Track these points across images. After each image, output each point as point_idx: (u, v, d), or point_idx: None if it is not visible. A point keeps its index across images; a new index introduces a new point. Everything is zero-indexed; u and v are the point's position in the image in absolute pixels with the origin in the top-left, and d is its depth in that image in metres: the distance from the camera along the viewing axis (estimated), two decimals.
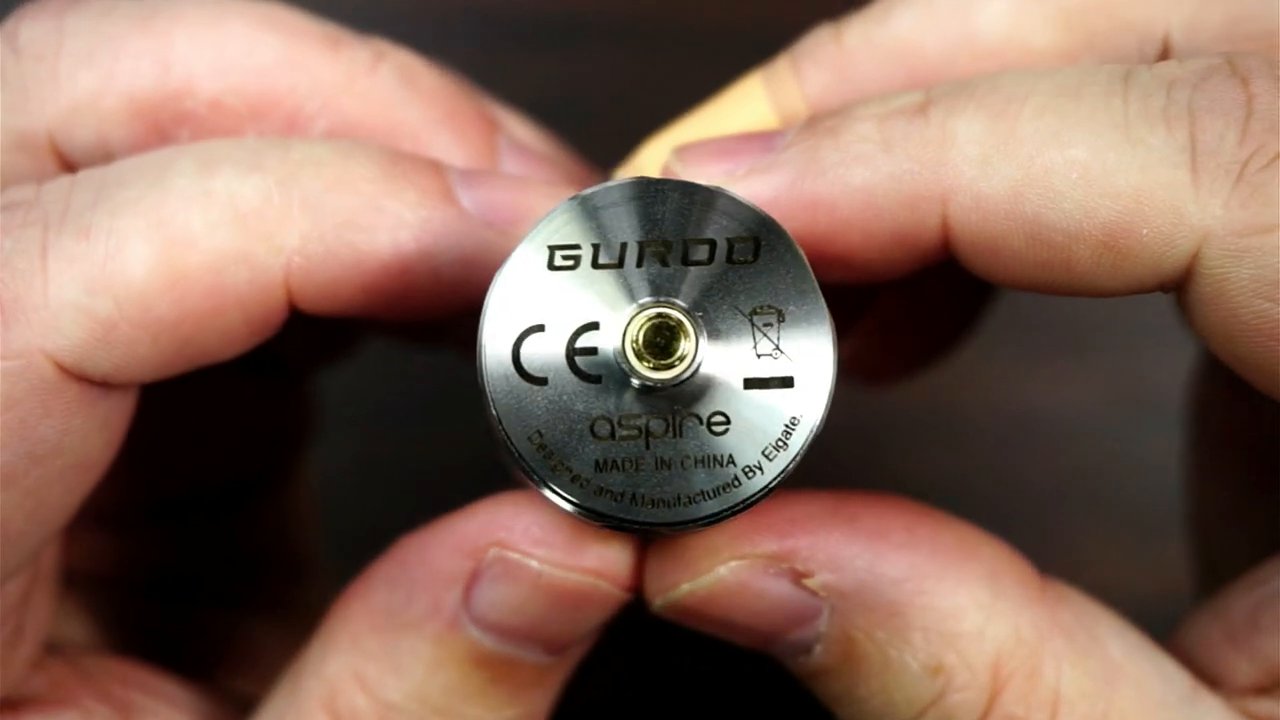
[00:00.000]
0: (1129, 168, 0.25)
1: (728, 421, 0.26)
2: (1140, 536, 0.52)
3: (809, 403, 0.26)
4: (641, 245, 0.26)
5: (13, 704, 0.30)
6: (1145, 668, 0.28)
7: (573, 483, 0.25)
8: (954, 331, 0.40)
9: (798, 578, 0.27)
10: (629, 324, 0.25)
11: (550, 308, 0.25)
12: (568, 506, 0.25)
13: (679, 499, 0.25)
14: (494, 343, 0.25)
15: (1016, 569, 0.28)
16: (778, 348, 0.26)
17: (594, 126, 0.33)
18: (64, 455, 0.27)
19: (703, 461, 0.26)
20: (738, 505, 0.25)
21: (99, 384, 0.27)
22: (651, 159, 0.31)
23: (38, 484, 0.27)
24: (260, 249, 0.27)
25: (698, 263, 0.26)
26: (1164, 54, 0.29)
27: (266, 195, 0.27)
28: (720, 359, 0.26)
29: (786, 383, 0.26)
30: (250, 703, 0.31)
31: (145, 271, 0.26)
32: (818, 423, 0.26)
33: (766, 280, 0.26)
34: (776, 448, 0.26)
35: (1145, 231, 0.25)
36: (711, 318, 0.26)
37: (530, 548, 0.27)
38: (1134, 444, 0.52)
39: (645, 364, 0.25)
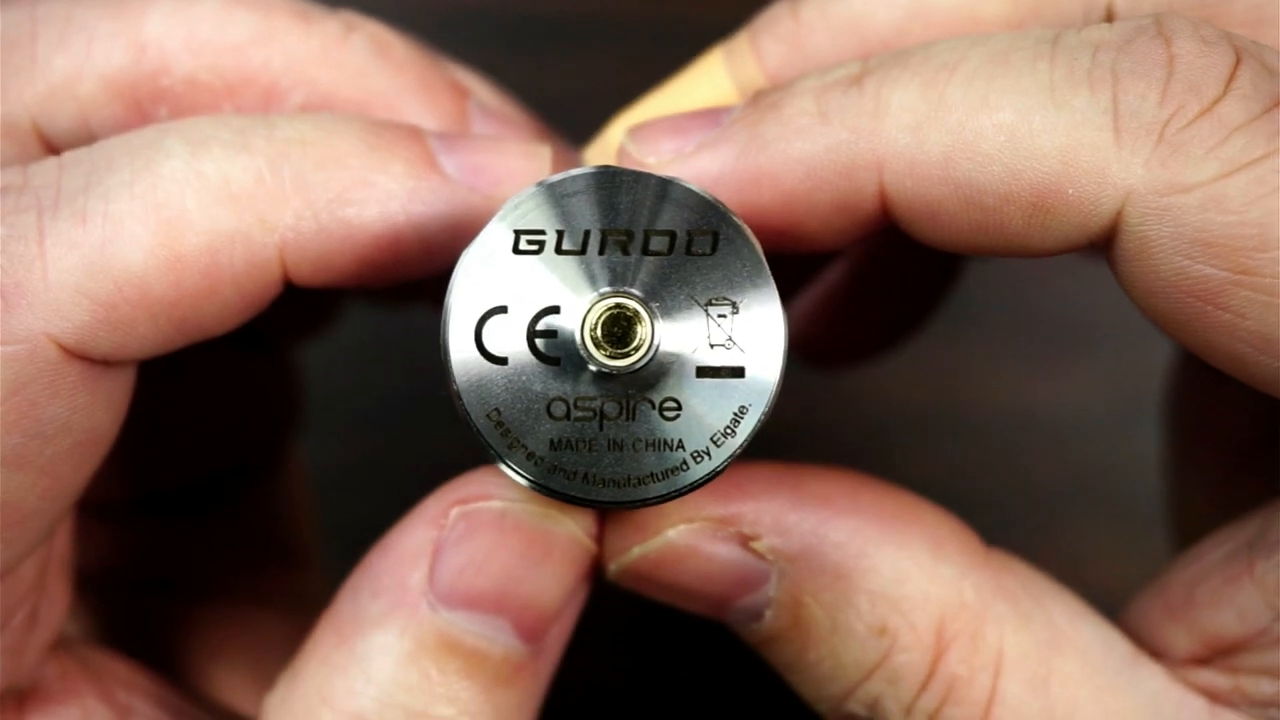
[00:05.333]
0: (1054, 130, 0.26)
1: (679, 408, 0.27)
2: (1141, 535, 0.52)
3: (758, 392, 0.27)
4: (604, 233, 0.26)
5: (21, 694, 0.30)
6: (1088, 634, 0.29)
7: (529, 460, 0.26)
8: (904, 315, 0.40)
9: (745, 541, 0.28)
10: (588, 311, 0.26)
11: (514, 290, 0.26)
12: (523, 482, 0.26)
13: (629, 480, 0.26)
14: (458, 322, 0.26)
15: (959, 535, 0.29)
16: (730, 339, 0.27)
17: (594, 126, 0.33)
18: (72, 433, 0.27)
19: (653, 445, 0.26)
20: (684, 488, 0.26)
21: (100, 363, 0.27)
22: (618, 138, 0.31)
23: (50, 463, 0.27)
24: (255, 228, 0.27)
25: (657, 253, 0.26)
26: (1108, 20, 0.29)
27: (258, 175, 0.27)
28: (675, 346, 0.26)
29: (737, 372, 0.27)
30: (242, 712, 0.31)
31: (144, 254, 0.27)
32: (764, 411, 0.26)
33: (723, 273, 0.26)
34: (725, 435, 0.27)
35: (1071, 191, 0.26)
36: (668, 306, 0.26)
37: (492, 491, 0.28)
38: (1135, 443, 0.52)
39: (602, 351, 0.26)
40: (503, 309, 0.26)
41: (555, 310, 0.26)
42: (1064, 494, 0.53)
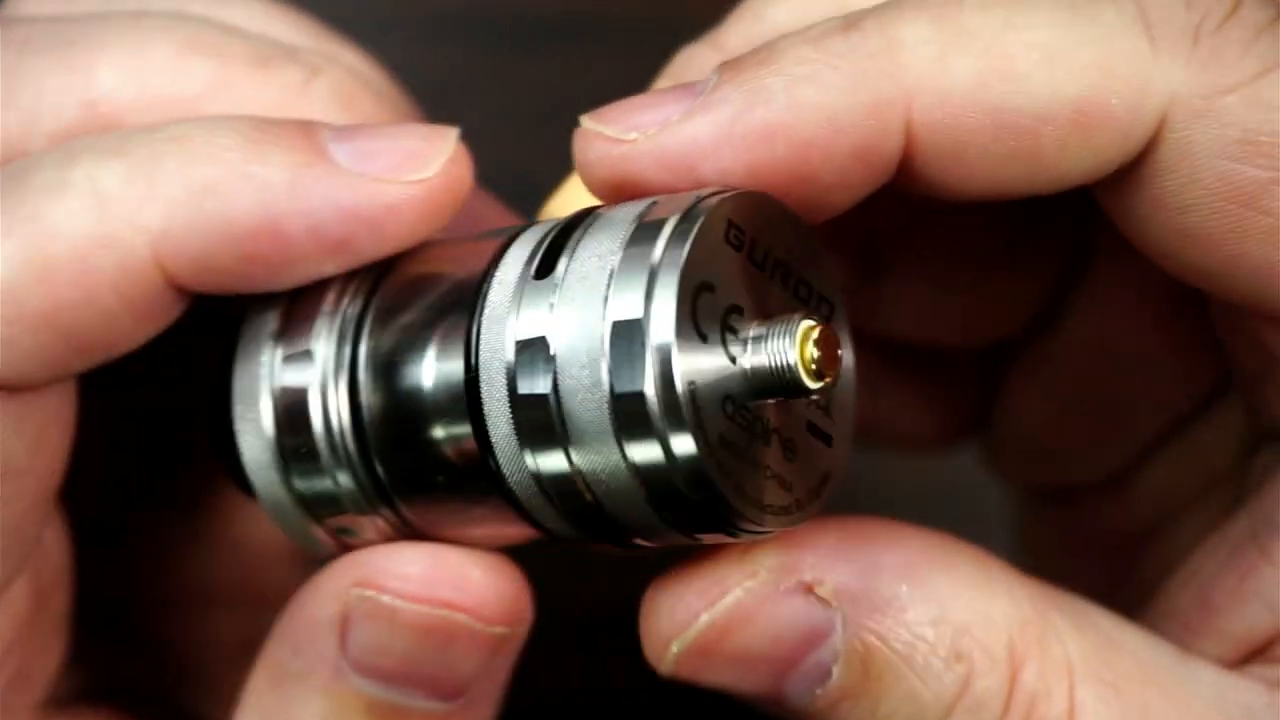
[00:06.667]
0: (1089, 41, 0.25)
1: (795, 453, 0.26)
2: None
3: (838, 464, 0.27)
4: (780, 262, 0.26)
5: None
6: (1133, 635, 0.28)
7: (704, 442, 0.24)
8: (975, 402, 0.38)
9: (809, 589, 0.27)
10: (801, 323, 0.25)
11: (718, 276, 0.25)
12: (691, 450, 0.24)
13: (759, 503, 0.25)
14: (676, 295, 0.24)
15: (992, 556, 0.28)
16: (829, 407, 0.27)
17: None
18: (6, 467, 0.27)
19: (776, 478, 0.25)
20: (767, 530, 0.25)
21: (11, 390, 0.27)
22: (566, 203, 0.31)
23: None
24: (123, 230, 0.26)
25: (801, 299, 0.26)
26: None
27: (125, 176, 0.27)
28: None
29: (827, 440, 0.27)
30: None
31: (12, 267, 0.26)
32: (837, 483, 0.27)
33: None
34: (813, 495, 0.26)
35: (1114, 101, 0.25)
36: None
37: (385, 581, 0.27)
38: None
39: (809, 367, 0.25)
40: (710, 288, 0.25)
41: (739, 311, 0.25)
42: None
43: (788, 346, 0.25)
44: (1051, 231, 0.35)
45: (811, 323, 0.25)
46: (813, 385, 0.25)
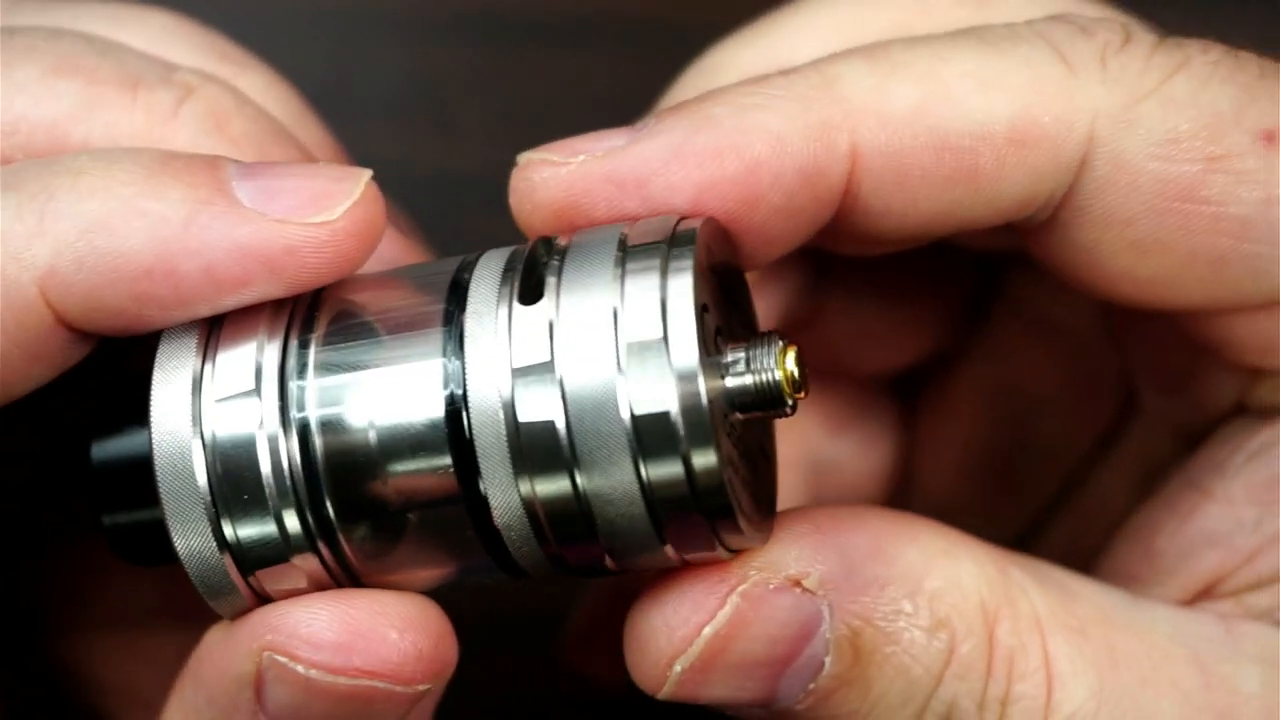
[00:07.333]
0: (1015, 69, 0.27)
1: (756, 467, 0.27)
2: None
3: (775, 479, 0.28)
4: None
5: None
6: (1088, 585, 0.29)
7: (718, 459, 0.24)
8: None
9: (796, 584, 0.27)
10: (783, 345, 0.25)
11: (709, 297, 0.26)
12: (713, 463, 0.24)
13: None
14: (688, 312, 0.24)
15: (942, 523, 0.29)
16: (766, 426, 0.28)
17: (595, 127, 0.33)
18: None
19: (752, 492, 0.26)
20: (749, 544, 0.26)
21: None
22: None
23: None
24: (10, 267, 0.26)
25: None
26: None
27: (15, 211, 0.26)
28: None
29: (770, 458, 0.28)
30: None
31: None
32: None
33: None
34: (770, 509, 0.27)
35: (1046, 119, 0.27)
36: None
37: (297, 648, 0.26)
38: None
39: (790, 384, 0.25)
40: (705, 308, 0.25)
41: (719, 331, 0.26)
42: None
43: (772, 365, 0.25)
44: (947, 283, 0.36)
45: (789, 342, 0.26)
46: (791, 400, 0.25)
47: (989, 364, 0.37)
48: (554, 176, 0.27)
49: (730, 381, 0.25)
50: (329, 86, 0.51)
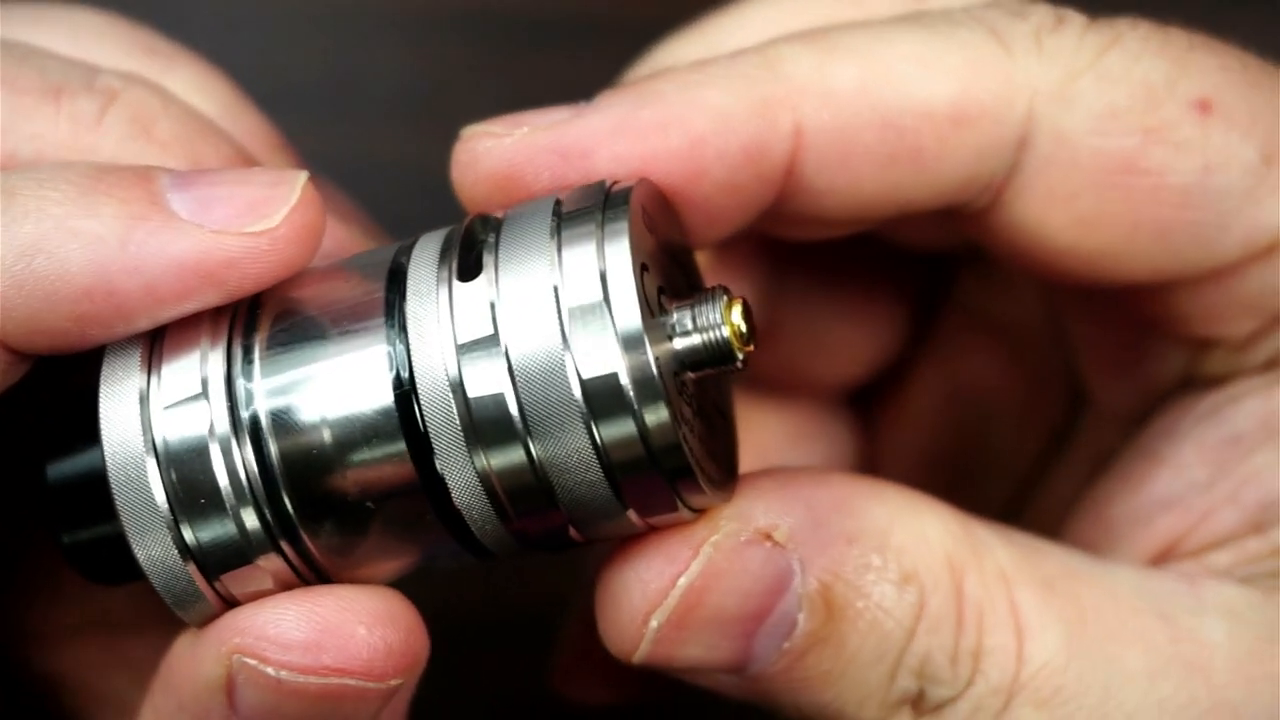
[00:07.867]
0: (954, 50, 0.28)
1: (713, 427, 0.27)
2: None
3: (734, 438, 0.28)
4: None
5: None
6: (1051, 545, 0.29)
7: (671, 417, 0.24)
8: None
9: (766, 536, 0.26)
10: (728, 299, 0.25)
11: (648, 257, 0.25)
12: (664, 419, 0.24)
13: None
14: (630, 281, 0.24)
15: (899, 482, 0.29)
16: (721, 385, 0.28)
17: None
18: None
19: (710, 452, 0.26)
20: (711, 504, 0.26)
21: None
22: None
23: None
24: None
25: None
26: None
27: None
28: None
29: (726, 417, 0.28)
30: None
31: None
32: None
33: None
34: (731, 470, 0.27)
35: (985, 97, 0.28)
36: None
37: (265, 650, 0.25)
38: None
39: (739, 337, 0.25)
40: (645, 268, 0.25)
41: (662, 290, 0.26)
42: None
43: (719, 320, 0.25)
44: (897, 288, 0.37)
45: (735, 296, 0.25)
46: (741, 354, 0.25)
47: (941, 369, 0.37)
48: (497, 147, 0.27)
49: (678, 341, 0.25)
50: (329, 86, 0.51)
